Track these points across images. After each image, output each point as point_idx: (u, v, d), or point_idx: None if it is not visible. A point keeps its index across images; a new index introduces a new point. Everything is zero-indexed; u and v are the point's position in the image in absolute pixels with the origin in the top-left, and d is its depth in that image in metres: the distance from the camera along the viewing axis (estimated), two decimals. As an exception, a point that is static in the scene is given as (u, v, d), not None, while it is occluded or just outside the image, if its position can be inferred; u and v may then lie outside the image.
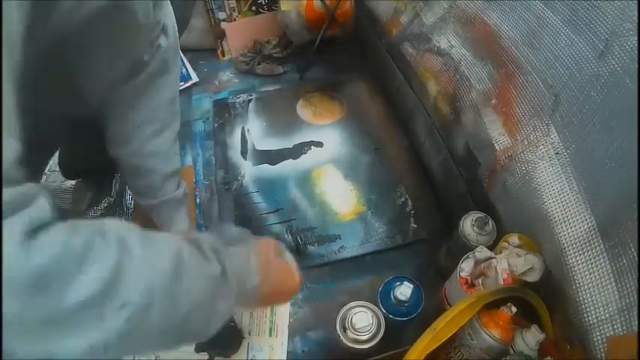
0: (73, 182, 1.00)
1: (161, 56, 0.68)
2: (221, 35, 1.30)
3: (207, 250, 0.42)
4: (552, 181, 0.61)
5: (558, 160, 0.61)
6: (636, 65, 0.47)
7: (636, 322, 0.46)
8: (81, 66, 0.53)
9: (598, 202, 0.54)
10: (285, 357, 0.76)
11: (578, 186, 0.57)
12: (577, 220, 0.56)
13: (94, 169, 0.95)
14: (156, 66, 0.68)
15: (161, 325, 0.34)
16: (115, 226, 0.33)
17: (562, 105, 0.60)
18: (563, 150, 0.60)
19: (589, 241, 0.54)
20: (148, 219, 0.77)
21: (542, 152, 0.63)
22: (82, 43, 0.49)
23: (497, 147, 0.74)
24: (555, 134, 0.61)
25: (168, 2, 0.70)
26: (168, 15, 0.70)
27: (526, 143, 0.67)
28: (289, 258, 0.55)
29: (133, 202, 0.98)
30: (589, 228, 0.54)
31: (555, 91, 0.61)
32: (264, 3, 1.28)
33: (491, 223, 0.70)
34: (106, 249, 0.30)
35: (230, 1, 1.26)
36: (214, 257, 0.42)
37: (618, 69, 0.50)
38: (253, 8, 1.28)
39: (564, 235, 0.58)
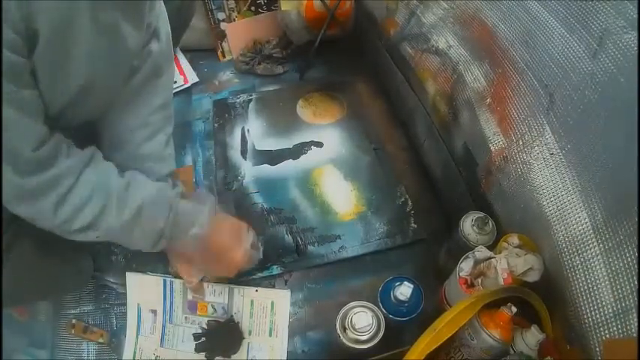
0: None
1: (153, 61, 0.68)
2: (221, 36, 1.30)
3: (165, 205, 0.63)
4: (547, 182, 0.61)
5: (553, 160, 0.61)
6: (630, 63, 0.47)
7: (632, 325, 0.46)
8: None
9: (593, 203, 0.53)
10: (285, 357, 0.76)
11: (573, 187, 0.57)
12: (572, 221, 0.56)
13: None
14: (148, 71, 0.68)
15: (118, 241, 0.65)
16: (109, 177, 0.60)
17: (557, 104, 0.60)
18: (558, 150, 0.60)
19: (584, 243, 0.54)
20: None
21: (537, 153, 0.63)
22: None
23: (492, 147, 0.74)
24: (550, 134, 0.61)
25: (161, 4, 0.70)
26: (160, 18, 0.70)
27: (521, 144, 0.67)
28: (247, 240, 0.72)
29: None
30: (584, 229, 0.54)
31: (550, 91, 0.61)
32: (263, 3, 1.28)
33: (491, 223, 0.70)
34: (96, 202, 0.57)
35: (229, 2, 1.26)
36: (167, 211, 0.63)
37: (612, 67, 0.50)
38: (252, 8, 1.28)
39: (560, 236, 0.58)
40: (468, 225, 0.71)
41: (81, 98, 0.56)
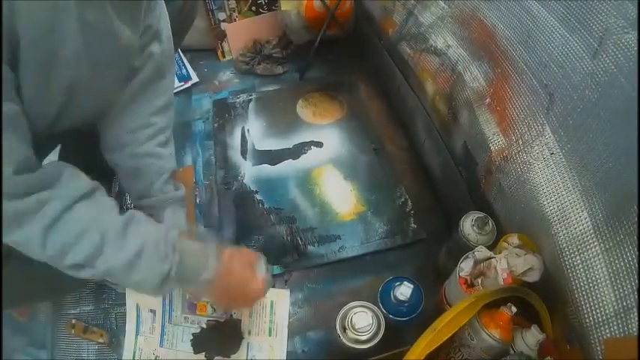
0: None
1: (155, 63, 0.68)
2: (221, 36, 1.30)
3: (170, 248, 0.58)
4: (547, 182, 0.61)
5: (553, 160, 0.61)
6: (631, 63, 0.47)
7: (633, 325, 0.46)
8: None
9: (594, 202, 0.53)
10: (284, 357, 0.76)
11: (574, 186, 0.57)
12: (573, 220, 0.56)
13: (92, 168, 0.95)
14: (149, 73, 0.68)
15: (118, 282, 0.62)
16: (105, 214, 0.55)
17: (557, 104, 0.60)
18: (558, 150, 0.60)
19: (585, 242, 0.54)
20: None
21: (537, 153, 0.63)
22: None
23: (492, 147, 0.74)
24: (550, 134, 0.61)
25: (163, 5, 0.70)
26: (161, 19, 0.70)
27: (520, 143, 0.67)
28: (260, 268, 0.68)
29: (132, 202, 0.98)
30: (585, 229, 0.54)
31: (550, 91, 0.61)
32: (264, 3, 1.28)
33: (491, 223, 0.70)
34: (91, 240, 0.52)
35: (230, 2, 1.26)
36: (171, 255, 0.57)
37: (613, 67, 0.50)
38: (253, 8, 1.28)
39: (561, 235, 0.58)
40: (468, 225, 0.71)
41: (72, 100, 0.55)
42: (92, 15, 0.51)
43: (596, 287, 0.52)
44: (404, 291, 0.67)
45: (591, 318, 0.52)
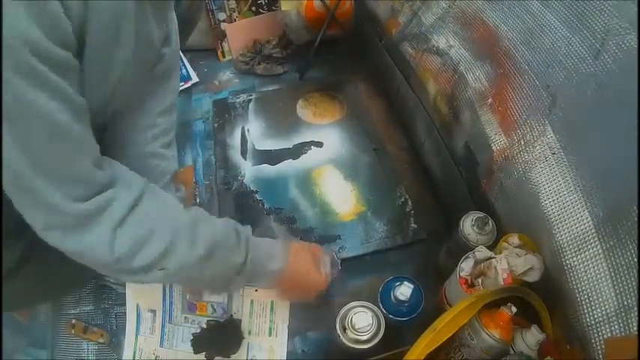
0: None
1: (165, 64, 0.69)
2: (221, 36, 1.30)
3: (242, 240, 0.58)
4: (549, 182, 0.61)
5: (555, 160, 0.61)
6: (632, 64, 0.47)
7: (633, 324, 0.46)
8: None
9: (595, 202, 0.53)
10: (285, 357, 0.76)
11: (575, 186, 0.57)
12: (574, 220, 0.56)
13: None
14: (160, 73, 0.68)
15: (189, 282, 0.62)
16: (170, 211, 0.54)
17: (559, 105, 0.60)
18: (560, 150, 0.60)
19: (586, 242, 0.54)
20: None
21: (539, 152, 0.63)
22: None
23: (494, 147, 0.74)
24: (552, 134, 0.61)
25: (172, 7, 0.71)
26: (172, 20, 0.70)
27: (522, 143, 0.67)
28: (325, 263, 0.70)
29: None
30: (586, 228, 0.54)
31: (552, 91, 0.61)
32: (264, 3, 1.28)
33: (491, 223, 0.70)
34: (162, 237, 0.50)
35: (230, 2, 1.26)
36: (244, 247, 0.58)
37: (615, 68, 0.50)
38: (253, 8, 1.28)
39: (562, 235, 0.58)
40: (468, 225, 0.71)
41: (112, 100, 0.54)
42: (142, 18, 0.51)
43: (596, 287, 0.52)
44: (404, 291, 0.67)
45: (591, 318, 0.52)
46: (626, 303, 0.48)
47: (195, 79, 1.25)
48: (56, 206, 0.43)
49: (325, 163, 1.04)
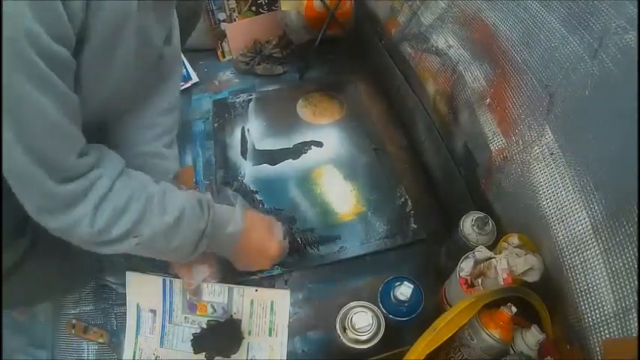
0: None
1: (166, 63, 0.69)
2: (221, 36, 1.30)
3: (205, 207, 0.63)
4: (547, 182, 0.61)
5: (553, 160, 0.61)
6: (631, 63, 0.47)
7: (632, 326, 0.46)
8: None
9: (593, 202, 0.53)
10: (284, 357, 0.76)
11: (573, 186, 0.57)
12: (572, 220, 0.56)
13: None
14: (160, 73, 0.69)
15: (156, 251, 0.61)
16: (145, 184, 0.58)
17: (557, 105, 0.60)
18: (558, 150, 0.60)
19: (585, 242, 0.54)
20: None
21: (537, 153, 0.63)
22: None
23: (492, 147, 0.74)
24: (550, 134, 0.61)
25: (173, 6, 0.71)
26: (174, 21, 0.70)
27: (521, 144, 0.67)
28: (278, 232, 0.74)
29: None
30: (584, 229, 0.54)
31: (550, 91, 0.61)
32: (264, 3, 1.28)
33: (491, 223, 0.70)
34: (137, 205, 0.54)
35: (230, 2, 1.26)
36: (207, 212, 0.62)
37: (613, 67, 0.50)
38: (253, 8, 1.28)
39: (561, 235, 0.58)
40: (468, 225, 0.71)
41: (112, 97, 0.56)
42: (143, 18, 0.52)
43: (595, 287, 0.52)
44: (404, 291, 0.67)
45: (590, 318, 0.52)
46: (624, 304, 0.48)
47: (195, 79, 1.25)
48: (47, 189, 0.47)
49: (325, 163, 1.04)
